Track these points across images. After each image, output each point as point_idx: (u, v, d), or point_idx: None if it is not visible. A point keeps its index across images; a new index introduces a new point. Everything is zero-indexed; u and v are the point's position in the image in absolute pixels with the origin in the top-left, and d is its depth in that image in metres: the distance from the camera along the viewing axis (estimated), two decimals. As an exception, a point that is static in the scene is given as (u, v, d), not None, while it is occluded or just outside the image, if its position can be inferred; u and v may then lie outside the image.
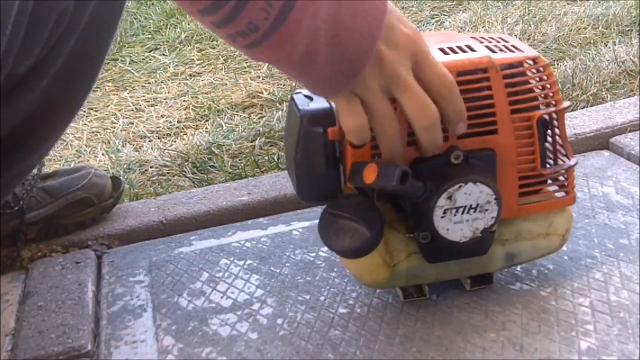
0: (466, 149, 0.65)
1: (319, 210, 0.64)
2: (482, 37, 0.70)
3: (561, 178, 0.71)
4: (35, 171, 0.94)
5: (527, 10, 1.82)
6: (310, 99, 0.67)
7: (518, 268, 0.79)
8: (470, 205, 0.64)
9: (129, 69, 1.71)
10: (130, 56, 1.77)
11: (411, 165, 0.65)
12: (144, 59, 1.76)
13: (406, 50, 0.59)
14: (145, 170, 1.24)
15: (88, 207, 0.95)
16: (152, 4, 2.15)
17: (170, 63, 1.71)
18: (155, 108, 1.48)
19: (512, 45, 0.69)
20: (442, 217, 0.64)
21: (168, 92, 1.56)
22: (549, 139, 0.71)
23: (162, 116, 1.45)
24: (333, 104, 0.66)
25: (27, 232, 0.93)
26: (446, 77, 0.60)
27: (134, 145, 1.36)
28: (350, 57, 0.56)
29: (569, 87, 1.37)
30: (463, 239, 0.65)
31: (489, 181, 0.64)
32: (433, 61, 0.60)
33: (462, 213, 0.64)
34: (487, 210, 0.65)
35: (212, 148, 1.27)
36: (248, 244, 0.91)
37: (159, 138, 1.37)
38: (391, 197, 0.68)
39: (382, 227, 0.64)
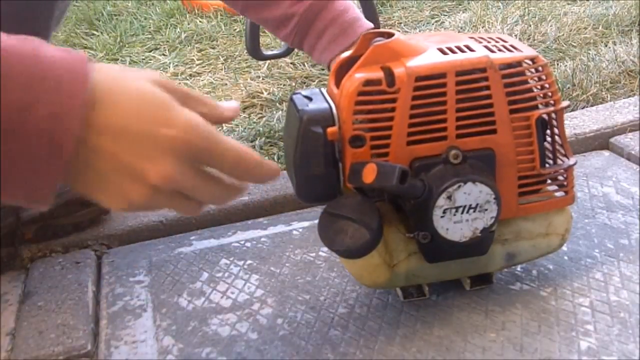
0: (465, 148, 0.65)
1: (319, 210, 0.65)
2: (480, 37, 0.70)
3: (560, 178, 0.71)
4: None
5: (527, 10, 1.82)
6: (310, 99, 0.67)
7: (518, 268, 0.79)
8: (470, 205, 0.64)
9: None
10: (130, 56, 1.77)
11: (410, 165, 0.65)
12: (144, 59, 1.76)
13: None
14: (146, 170, 1.24)
15: (84, 207, 0.95)
16: (152, 4, 2.15)
17: (170, 63, 1.71)
18: (156, 108, 1.48)
19: (511, 45, 0.69)
20: (442, 216, 0.64)
21: (168, 93, 1.56)
22: (548, 138, 0.71)
23: (162, 116, 1.45)
24: (332, 104, 0.66)
25: (24, 231, 0.92)
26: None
27: (134, 145, 1.36)
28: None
29: (569, 87, 1.37)
30: (463, 238, 0.65)
31: (488, 181, 0.64)
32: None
33: (462, 213, 0.64)
34: (486, 210, 0.65)
35: (212, 148, 1.27)
36: (248, 244, 0.91)
37: (159, 138, 1.37)
38: (391, 197, 0.68)
39: (382, 227, 0.64)
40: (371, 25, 0.94)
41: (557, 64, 1.50)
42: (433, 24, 1.84)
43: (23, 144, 0.46)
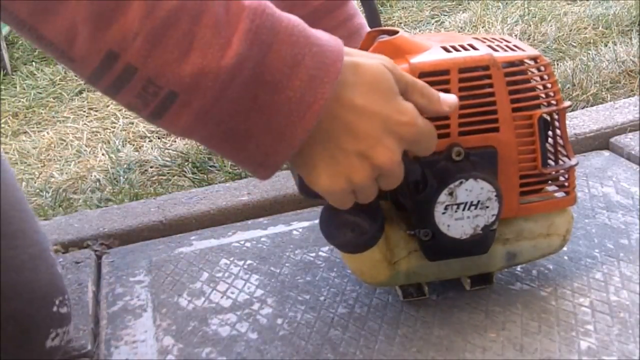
0: (467, 146, 0.65)
1: (318, 210, 0.64)
2: (484, 38, 0.70)
3: (562, 178, 0.71)
4: None
5: (527, 10, 1.82)
6: None
7: (518, 268, 0.79)
8: (471, 202, 0.64)
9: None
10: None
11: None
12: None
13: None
14: (145, 170, 1.24)
15: None
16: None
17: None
18: (155, 108, 1.48)
19: (515, 46, 0.69)
20: (443, 213, 0.64)
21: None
22: (550, 139, 0.71)
23: (162, 116, 1.45)
24: None
25: None
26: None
27: (134, 145, 1.36)
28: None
29: (569, 87, 1.37)
30: (464, 235, 0.65)
31: (490, 178, 0.64)
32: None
33: (463, 209, 0.64)
34: (487, 207, 0.64)
35: (212, 148, 1.27)
36: (248, 244, 0.91)
37: (159, 138, 1.37)
38: (392, 194, 0.68)
39: (383, 222, 0.64)
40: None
41: (557, 64, 1.50)
42: (433, 24, 1.84)
43: (285, 96, 0.48)
